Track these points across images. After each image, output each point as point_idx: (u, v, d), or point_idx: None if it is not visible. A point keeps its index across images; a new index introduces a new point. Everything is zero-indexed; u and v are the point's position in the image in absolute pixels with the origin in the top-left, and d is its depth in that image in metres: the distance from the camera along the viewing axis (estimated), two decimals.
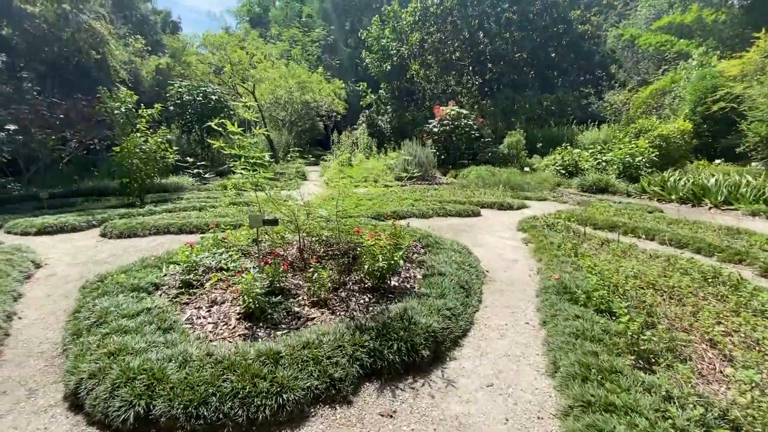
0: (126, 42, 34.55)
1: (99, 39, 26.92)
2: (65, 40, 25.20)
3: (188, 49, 28.57)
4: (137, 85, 31.20)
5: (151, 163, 11.53)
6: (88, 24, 26.24)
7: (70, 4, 25.23)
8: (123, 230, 7.70)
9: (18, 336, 3.81)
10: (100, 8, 29.11)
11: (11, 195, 11.99)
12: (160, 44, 42.69)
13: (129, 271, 4.90)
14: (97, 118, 13.35)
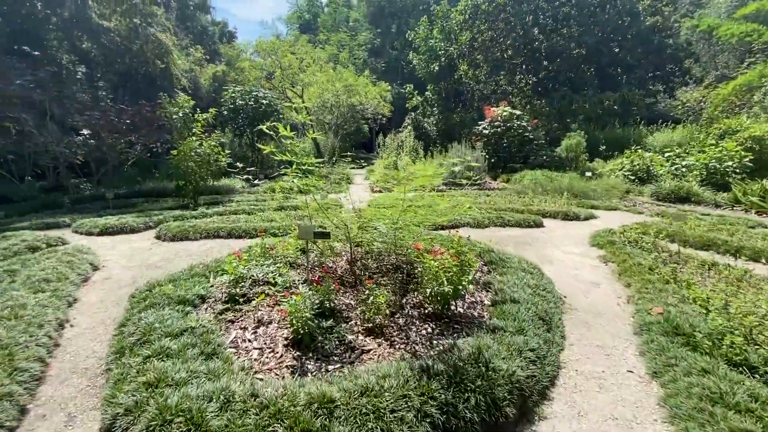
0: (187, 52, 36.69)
1: (164, 50, 28.69)
2: (135, 51, 27.06)
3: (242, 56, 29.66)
4: (196, 91, 32.98)
5: (204, 165, 11.76)
6: (155, 36, 28.05)
7: (140, 19, 27.10)
8: (176, 233, 7.73)
9: (67, 347, 3.67)
10: (166, 21, 31.08)
11: (83, 195, 12.78)
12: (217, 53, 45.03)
13: (177, 281, 4.71)
14: (158, 123, 13.95)
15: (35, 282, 4.67)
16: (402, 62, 37.31)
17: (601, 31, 23.83)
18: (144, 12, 27.88)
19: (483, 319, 3.73)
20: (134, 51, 27.08)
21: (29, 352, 3.22)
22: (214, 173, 12.14)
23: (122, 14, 26.68)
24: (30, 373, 3.00)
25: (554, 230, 8.03)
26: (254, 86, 19.74)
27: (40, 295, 4.31)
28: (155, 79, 27.81)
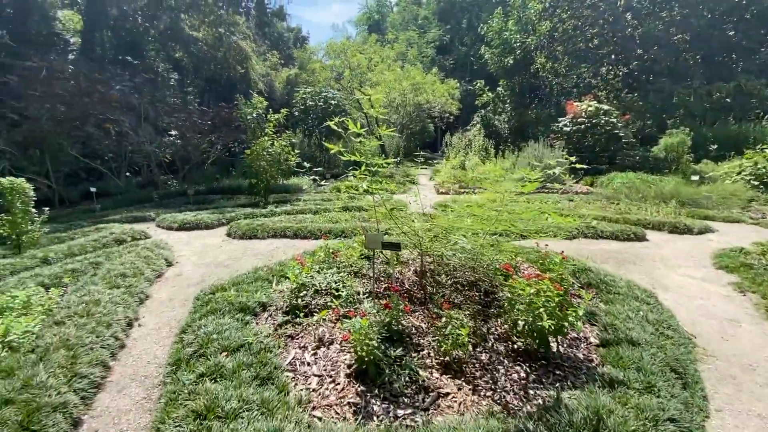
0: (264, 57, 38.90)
1: (244, 56, 30.63)
2: (219, 58, 29.19)
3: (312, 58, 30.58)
4: (271, 94, 34.82)
5: (275, 165, 12.00)
6: (237, 44, 30.05)
7: (225, 28, 29.20)
8: (245, 231, 7.81)
9: (132, 349, 3.60)
10: (247, 29, 33.21)
11: (170, 191, 13.84)
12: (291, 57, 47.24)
13: (240, 284, 4.53)
14: (235, 124, 14.66)
15: (113, 277, 4.79)
16: (471, 58, 35.83)
17: (710, 12, 20.44)
18: (228, 21, 29.97)
19: (592, 364, 2.93)
20: (218, 58, 29.26)
21: (93, 355, 3.14)
22: (284, 172, 12.36)
23: (209, 25, 28.92)
24: (89, 380, 2.89)
25: (661, 246, 6.69)
26: (324, 87, 20.06)
27: (115, 291, 4.37)
28: (236, 83, 29.81)
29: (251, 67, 31.51)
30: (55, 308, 3.92)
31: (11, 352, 3.10)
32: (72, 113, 11.09)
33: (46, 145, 10.81)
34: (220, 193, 13.92)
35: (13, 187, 5.98)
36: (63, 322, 3.60)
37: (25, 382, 2.63)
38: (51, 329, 3.44)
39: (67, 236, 7.23)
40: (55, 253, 6.01)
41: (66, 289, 4.69)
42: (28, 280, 4.84)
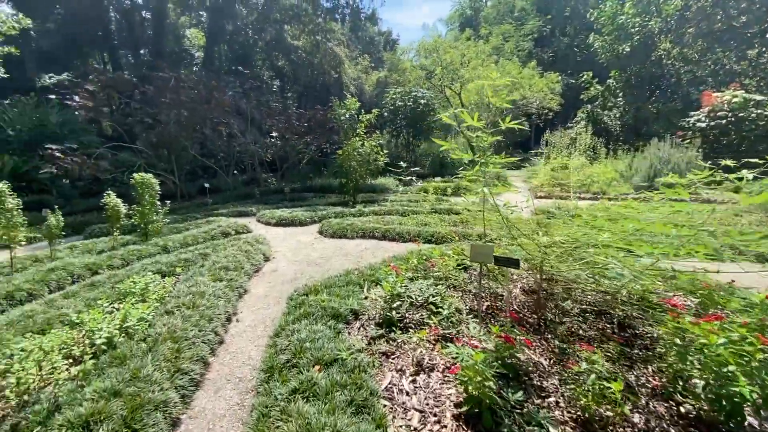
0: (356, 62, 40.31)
1: (338, 61, 32.02)
2: (315, 64, 30.92)
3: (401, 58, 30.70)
4: (361, 96, 35.90)
5: (365, 165, 12.04)
6: (332, 50, 31.56)
7: (321, 36, 30.88)
8: (336, 230, 7.81)
9: (229, 345, 3.59)
10: (341, 36, 34.75)
11: (269, 188, 14.86)
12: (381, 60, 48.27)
13: (332, 288, 4.34)
14: (329, 125, 15.17)
15: (217, 269, 5.00)
16: (574, 49, 32.47)
17: None
18: (324, 29, 31.58)
19: None
20: (315, 64, 31.01)
21: (194, 350, 3.15)
22: (372, 172, 12.35)
23: (308, 33, 30.79)
24: (190, 377, 2.87)
25: None
26: (413, 87, 19.81)
27: (218, 285, 4.51)
28: (329, 87, 31.32)
29: (344, 71, 32.84)
30: (167, 297, 4.14)
31: (127, 338, 3.26)
32: (193, 118, 12.50)
33: (172, 145, 12.34)
34: (313, 191, 14.52)
35: (143, 182, 6.73)
36: (172, 312, 3.75)
37: (134, 373, 2.67)
38: (162, 318, 3.59)
39: (183, 227, 8.01)
40: (172, 242, 6.62)
41: (178, 278, 5.03)
42: (149, 266, 5.31)
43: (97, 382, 2.57)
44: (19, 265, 5.46)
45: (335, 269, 5.69)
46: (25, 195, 11.68)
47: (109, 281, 4.79)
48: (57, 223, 5.81)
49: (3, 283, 4.63)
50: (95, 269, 5.43)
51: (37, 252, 6.18)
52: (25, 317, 3.72)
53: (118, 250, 6.16)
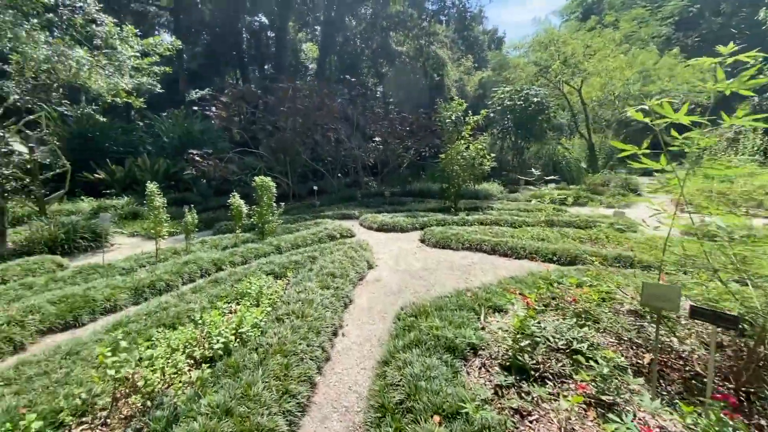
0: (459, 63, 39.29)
1: (441, 63, 31.56)
2: (418, 68, 30.94)
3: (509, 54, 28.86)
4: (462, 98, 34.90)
5: (468, 169, 11.31)
6: (435, 53, 31.24)
7: (425, 40, 30.77)
8: (439, 239, 7.30)
9: (335, 364, 3.35)
10: (444, 38, 34.19)
11: (370, 191, 15.08)
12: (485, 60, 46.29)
13: (443, 310, 3.83)
14: (431, 128, 14.76)
15: (324, 276, 4.90)
16: (731, 29, 26.55)
17: None
18: (428, 32, 31.40)
19: None
20: (417, 68, 31.01)
21: (302, 368, 2.95)
22: (476, 177, 11.54)
23: (412, 38, 30.94)
24: (297, 401, 2.65)
25: None
26: (523, 85, 18.24)
27: (325, 293, 4.37)
28: (430, 90, 31.03)
29: (446, 73, 32.21)
30: (278, 302, 4.13)
31: (241, 345, 3.23)
32: (307, 124, 13.30)
33: (288, 150, 13.30)
34: (412, 195, 14.26)
35: (263, 185, 7.15)
36: (282, 319, 3.67)
37: (245, 390, 2.54)
38: (273, 326, 3.52)
39: (294, 227, 8.37)
40: (284, 243, 6.88)
41: (288, 281, 5.08)
42: (264, 266, 5.50)
43: (212, 395, 2.50)
44: (162, 256, 6.19)
45: (441, 285, 5.19)
46: (173, 192, 13.79)
47: (229, 278, 5.05)
48: (192, 221, 6.47)
49: (148, 272, 5.22)
50: (219, 265, 5.85)
51: (176, 245, 7.00)
52: (160, 309, 4.03)
53: (239, 247, 6.60)
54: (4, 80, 6.20)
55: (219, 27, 25.59)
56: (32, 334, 3.62)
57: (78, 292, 4.32)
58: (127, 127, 15.71)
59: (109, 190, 12.91)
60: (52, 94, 6.80)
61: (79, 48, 6.60)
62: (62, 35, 6.56)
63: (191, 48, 27.16)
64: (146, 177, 13.31)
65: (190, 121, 16.59)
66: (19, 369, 2.79)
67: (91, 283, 4.82)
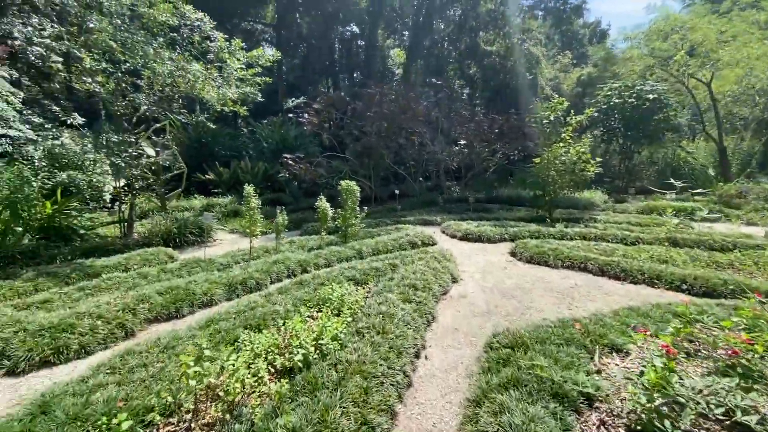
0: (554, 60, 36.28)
1: (534, 61, 29.43)
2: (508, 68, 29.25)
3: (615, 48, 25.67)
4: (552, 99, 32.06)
5: (567, 175, 10.08)
6: (528, 50, 29.21)
7: (518, 37, 28.97)
8: (533, 254, 6.50)
9: (417, 392, 2.99)
10: (539, 34, 31.80)
11: (452, 196, 14.49)
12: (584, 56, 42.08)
13: (545, 342, 3.24)
14: (522, 130, 13.62)
15: (405, 287, 4.60)
16: None
17: None
18: (522, 29, 29.55)
19: None
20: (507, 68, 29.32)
21: (383, 394, 2.66)
22: (576, 184, 10.24)
23: (503, 37, 29.40)
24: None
25: None
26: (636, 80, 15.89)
27: (407, 307, 4.06)
28: (521, 90, 29.10)
29: (539, 72, 29.91)
30: (358, 313, 3.93)
31: (320, 358, 3.06)
32: (391, 128, 13.27)
33: (372, 154, 13.42)
34: (498, 202, 13.31)
35: (348, 188, 7.15)
36: (362, 333, 3.44)
37: (322, 415, 2.33)
38: (352, 340, 3.30)
39: (376, 232, 8.26)
40: (366, 247, 6.77)
41: (369, 290, 4.88)
42: (346, 271, 5.40)
43: (289, 415, 2.33)
44: (254, 253, 6.51)
45: (538, 309, 4.52)
46: (269, 192, 14.89)
47: (312, 282, 5.04)
48: (282, 221, 6.72)
49: (243, 270, 5.48)
50: (305, 266, 5.93)
51: (268, 243, 7.35)
52: (248, 308, 4.11)
53: (323, 249, 6.66)
54: (137, 93, 7.12)
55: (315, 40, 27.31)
56: (141, 322, 3.95)
57: (181, 285, 4.66)
58: (233, 134, 17.48)
59: (217, 190, 14.41)
60: (173, 104, 7.70)
61: (195, 62, 7.35)
62: (182, 52, 7.34)
63: (290, 60, 29.45)
64: (247, 178, 14.57)
65: (286, 127, 17.83)
66: (125, 358, 2.98)
67: (193, 276, 5.20)
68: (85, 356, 3.40)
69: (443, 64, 27.43)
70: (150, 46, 6.51)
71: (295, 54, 29.20)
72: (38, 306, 4.11)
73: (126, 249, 6.82)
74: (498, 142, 14.10)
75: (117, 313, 3.83)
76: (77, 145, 7.42)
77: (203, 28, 7.75)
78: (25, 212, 6.84)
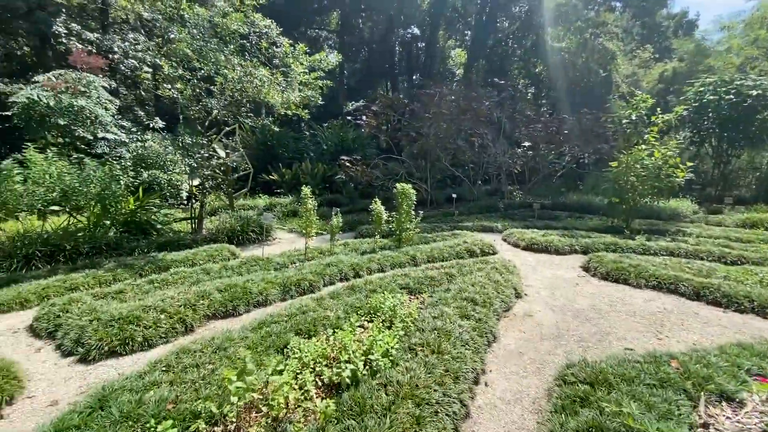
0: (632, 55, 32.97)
1: (609, 57, 26.97)
2: (579, 65, 27.15)
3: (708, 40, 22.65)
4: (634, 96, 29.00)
5: (649, 181, 8.89)
6: (602, 45, 26.82)
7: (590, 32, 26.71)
8: (611, 269, 5.72)
9: (476, 426, 2.63)
10: (615, 28, 29.04)
11: (514, 201, 13.61)
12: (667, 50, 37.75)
13: (632, 382, 2.69)
14: (596, 131, 12.36)
15: (463, 301, 4.22)
16: None
17: None
18: (596, 22, 27.26)
19: None
20: (578, 65, 27.20)
21: (437, 426, 2.34)
22: (661, 191, 8.97)
23: (574, 32, 27.33)
24: None
25: None
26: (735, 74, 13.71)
27: (464, 324, 3.68)
28: (593, 88, 26.82)
29: (614, 68, 27.32)
30: (411, 326, 3.64)
31: (369, 375, 2.82)
32: (449, 129, 12.80)
33: (429, 156, 13.05)
34: (566, 209, 12.20)
35: (403, 191, 6.89)
36: (415, 351, 3.15)
37: None
38: (404, 357, 3.02)
39: (431, 237, 7.90)
40: (420, 254, 6.46)
41: (423, 300, 4.57)
42: (399, 278, 5.14)
43: None
44: (309, 254, 6.51)
45: (619, 337, 3.88)
46: (327, 193, 15.18)
47: (365, 287, 4.85)
48: (337, 223, 6.65)
49: (297, 270, 5.47)
50: (357, 270, 5.78)
51: (322, 244, 7.34)
52: (300, 312, 4.02)
53: (377, 253, 6.47)
54: (209, 98, 7.52)
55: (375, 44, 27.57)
56: (200, 318, 4.03)
57: (239, 283, 4.73)
58: (296, 136, 18.14)
59: (279, 190, 15.00)
60: (241, 108, 8.04)
61: (262, 68, 7.59)
62: (251, 58, 7.62)
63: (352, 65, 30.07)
64: (307, 179, 15.00)
65: (345, 130, 18.10)
66: (180, 357, 3.00)
67: (251, 275, 5.29)
68: (147, 349, 3.51)
69: (506, 63, 26.15)
70: (221, 53, 6.83)
71: (356, 59, 29.73)
72: (113, 296, 4.39)
73: (194, 244, 7.21)
74: (567, 144, 12.97)
75: (179, 308, 3.94)
76: (160, 147, 8.06)
77: (270, 34, 7.98)
78: (113, 207, 7.54)
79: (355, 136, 17.68)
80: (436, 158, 13.48)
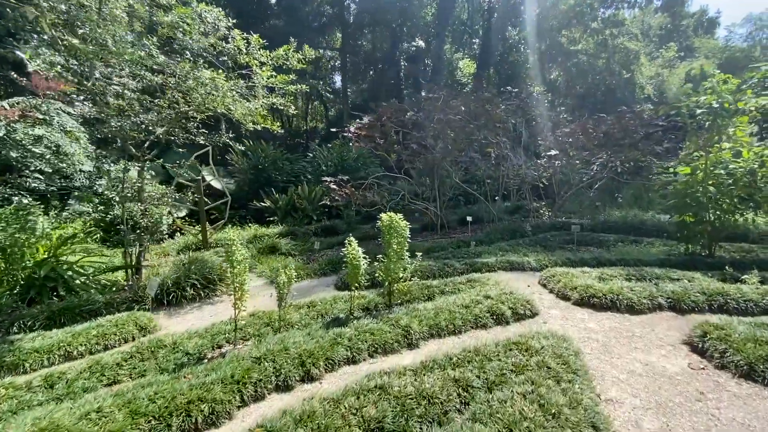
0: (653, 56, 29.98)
1: (632, 57, 24.16)
2: (599, 68, 24.37)
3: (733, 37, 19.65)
4: (660, 98, 25.80)
5: (738, 191, 6.17)
6: (623, 45, 24.07)
7: (609, 31, 24.01)
8: (751, 357, 3.05)
9: None
10: (634, 28, 26.24)
11: (542, 221, 10.90)
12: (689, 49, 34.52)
13: None
14: (638, 132, 9.60)
15: None
16: None
17: None
18: (614, 22, 24.60)
19: None
20: (597, 68, 24.47)
21: None
22: (757, 204, 6.21)
23: (591, 33, 24.72)
24: None
25: None
26: None
27: None
28: (614, 91, 23.94)
29: (637, 68, 24.42)
30: None
31: None
32: (458, 139, 10.37)
33: (436, 172, 10.62)
34: (612, 231, 9.35)
35: (390, 224, 4.45)
36: None
37: None
38: None
39: (437, 286, 5.31)
40: (419, 323, 3.96)
41: None
42: (371, 395, 2.66)
43: None
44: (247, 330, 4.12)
45: None
46: (326, 219, 12.92)
47: (311, 415, 2.38)
48: (289, 279, 4.21)
49: (198, 376, 3.07)
50: (308, 367, 3.31)
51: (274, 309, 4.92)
52: None
53: (351, 323, 4.01)
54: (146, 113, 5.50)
55: (380, 61, 25.73)
56: None
57: (67, 425, 2.36)
58: (291, 158, 16.13)
59: (272, 218, 12.85)
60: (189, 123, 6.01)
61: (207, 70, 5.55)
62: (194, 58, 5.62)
63: (357, 86, 28.25)
64: (304, 204, 12.84)
65: (347, 149, 16.00)
66: None
67: (114, 395, 2.93)
68: None
69: (519, 70, 23.65)
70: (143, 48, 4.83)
71: (362, 78, 27.90)
72: None
73: (108, 308, 4.97)
74: (604, 150, 10.26)
75: None
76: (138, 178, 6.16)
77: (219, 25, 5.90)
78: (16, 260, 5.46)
79: (357, 154, 15.51)
80: (445, 174, 11.02)
